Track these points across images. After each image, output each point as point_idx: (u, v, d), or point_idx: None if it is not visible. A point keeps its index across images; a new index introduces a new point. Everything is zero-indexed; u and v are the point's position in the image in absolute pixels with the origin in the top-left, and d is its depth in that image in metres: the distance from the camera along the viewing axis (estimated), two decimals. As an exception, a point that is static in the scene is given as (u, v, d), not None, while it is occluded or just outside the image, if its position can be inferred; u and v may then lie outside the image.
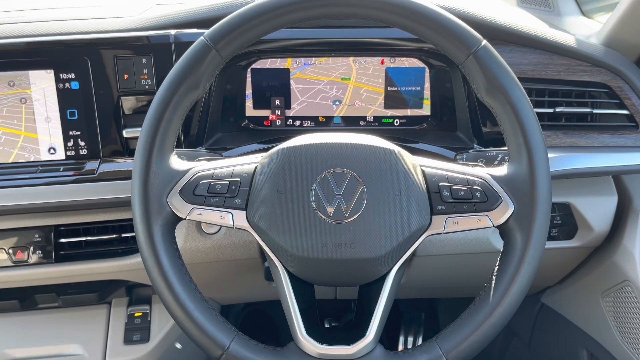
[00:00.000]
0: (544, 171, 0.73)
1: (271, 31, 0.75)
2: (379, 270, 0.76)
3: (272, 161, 0.76)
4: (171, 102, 0.74)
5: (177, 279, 0.74)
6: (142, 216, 0.74)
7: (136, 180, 0.74)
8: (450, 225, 0.75)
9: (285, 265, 0.76)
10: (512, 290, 0.73)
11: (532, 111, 0.73)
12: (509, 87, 0.73)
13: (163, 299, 0.75)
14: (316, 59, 1.07)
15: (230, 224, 0.76)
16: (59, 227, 1.05)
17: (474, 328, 0.73)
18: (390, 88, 1.08)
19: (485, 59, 0.73)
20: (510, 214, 0.73)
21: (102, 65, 0.99)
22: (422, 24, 0.73)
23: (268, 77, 1.08)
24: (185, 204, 0.75)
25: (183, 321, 0.74)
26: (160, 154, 0.75)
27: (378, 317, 0.75)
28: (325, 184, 0.74)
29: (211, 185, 0.76)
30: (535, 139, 0.73)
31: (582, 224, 1.08)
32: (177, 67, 0.75)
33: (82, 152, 1.01)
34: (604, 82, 1.03)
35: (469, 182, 0.75)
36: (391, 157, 0.75)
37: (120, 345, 1.16)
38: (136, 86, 0.99)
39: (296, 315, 0.75)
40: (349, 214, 0.73)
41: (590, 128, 1.04)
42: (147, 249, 0.74)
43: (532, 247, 0.73)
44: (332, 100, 1.09)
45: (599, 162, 1.00)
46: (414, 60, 1.07)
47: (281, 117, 1.11)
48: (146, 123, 0.75)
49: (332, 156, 0.75)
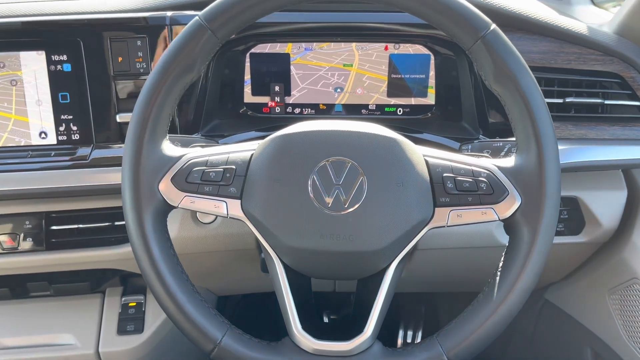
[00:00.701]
0: (553, 163, 0.69)
1: (270, 12, 0.72)
2: (378, 264, 0.73)
3: (269, 149, 0.73)
4: (164, 85, 0.71)
5: (168, 270, 0.72)
6: (132, 204, 0.71)
7: (126, 167, 0.71)
8: (453, 218, 0.72)
9: (281, 257, 0.74)
10: (517, 286, 0.70)
11: (543, 100, 0.70)
12: (519, 73, 0.69)
13: (153, 290, 0.72)
14: (317, 44, 1.03)
15: (224, 213, 0.73)
16: (50, 214, 1.02)
17: (476, 325, 0.70)
18: (393, 75, 1.05)
19: (494, 44, 0.69)
20: (517, 208, 0.70)
21: (95, 47, 0.96)
22: (429, 6, 0.69)
23: (267, 63, 1.05)
24: (177, 192, 0.72)
25: (174, 313, 0.72)
26: (152, 139, 0.72)
27: (377, 313, 0.73)
28: (324, 173, 0.71)
29: (205, 173, 0.73)
30: (545, 129, 0.69)
31: (590, 219, 1.05)
32: (171, 48, 0.72)
33: (74, 137, 0.98)
34: (616, 72, 0.99)
35: (474, 173, 0.72)
36: (393, 146, 0.72)
37: (113, 336, 1.14)
38: (130, 69, 0.96)
39: (291, 309, 0.73)
40: (348, 204, 0.70)
41: (601, 120, 1.01)
42: (137, 237, 0.71)
43: (539, 242, 0.69)
44: (333, 87, 1.06)
45: (609, 155, 0.97)
46: (419, 47, 1.04)
47: (280, 104, 1.07)
48: (137, 107, 0.72)
49: (331, 144, 0.72)
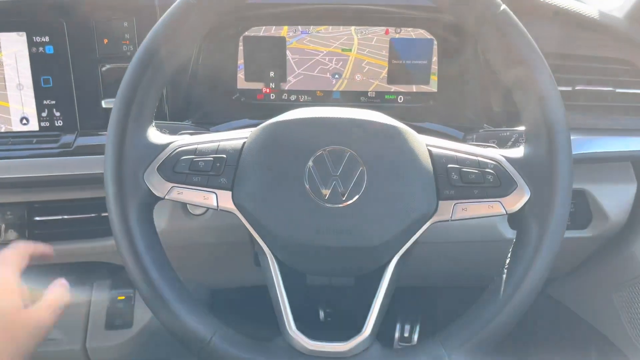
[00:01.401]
0: (565, 154, 0.65)
1: None
2: (378, 260, 0.69)
3: (262, 137, 0.68)
4: (149, 68, 0.66)
5: (155, 266, 0.68)
6: (115, 195, 0.67)
7: (109, 155, 0.67)
8: (458, 212, 0.68)
9: (274, 252, 0.69)
10: (525, 285, 0.66)
11: (555, 86, 0.66)
12: (530, 58, 0.65)
13: (138, 287, 0.68)
14: (315, 27, 0.99)
15: (214, 205, 0.68)
16: (33, 204, 0.98)
17: (480, 326, 0.67)
18: (394, 61, 1.00)
19: (504, 25, 0.65)
20: (525, 201, 0.66)
21: (79, 29, 0.91)
22: None
23: (262, 46, 1.00)
24: (164, 182, 0.68)
25: (159, 311, 0.68)
26: (137, 125, 0.67)
27: (375, 312, 0.69)
28: (321, 164, 0.66)
29: (193, 162, 0.68)
30: (557, 118, 0.65)
31: (598, 212, 1.01)
32: (157, 27, 0.67)
33: (58, 124, 0.93)
34: (628, 59, 0.95)
35: (481, 164, 0.68)
36: (395, 135, 0.68)
37: (101, 330, 1.10)
38: (117, 52, 0.91)
39: (285, 308, 0.69)
40: (347, 197, 0.66)
41: (612, 109, 0.96)
42: (121, 231, 0.67)
43: (548, 238, 0.66)
44: (331, 73, 1.01)
45: (620, 146, 0.93)
46: (421, 32, 0.99)
47: (276, 91, 1.03)
48: (121, 90, 0.67)
49: (329, 132, 0.67)
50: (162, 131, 0.81)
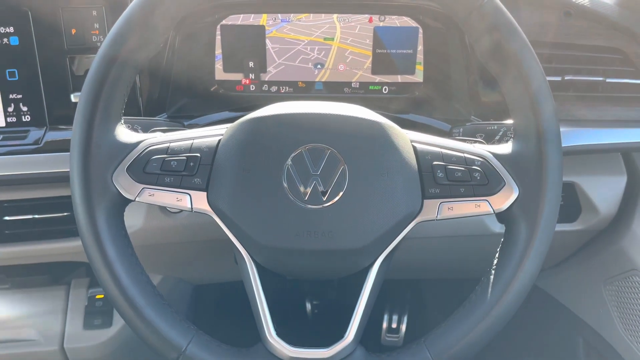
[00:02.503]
0: (555, 150, 0.63)
1: None
2: (360, 263, 0.66)
3: (238, 134, 0.65)
4: (117, 60, 0.62)
5: (125, 272, 0.64)
6: (82, 198, 0.63)
7: (75, 155, 0.63)
8: (444, 211, 0.65)
9: (253, 255, 0.66)
10: (513, 287, 0.64)
11: (545, 80, 0.63)
12: (519, 49, 0.62)
13: (109, 295, 0.64)
14: (295, 15, 0.94)
15: (187, 207, 0.65)
16: (2, 203, 0.94)
17: (467, 330, 0.64)
18: (378, 50, 0.97)
19: (492, 15, 0.61)
20: (514, 200, 0.64)
21: (45, 18, 0.86)
22: None
23: (240, 36, 0.95)
24: (134, 184, 0.64)
25: (132, 319, 0.64)
26: (104, 123, 0.63)
27: (359, 316, 0.66)
28: (300, 162, 0.63)
29: (165, 162, 0.65)
30: (546, 113, 0.63)
31: (587, 205, 0.99)
32: (125, 16, 0.63)
33: (25, 119, 0.89)
34: (619, 47, 0.92)
35: (467, 161, 0.65)
36: (377, 131, 0.65)
37: (79, 330, 1.08)
38: (86, 43, 0.87)
39: (264, 313, 0.66)
40: (327, 197, 0.63)
41: (602, 99, 0.94)
42: (89, 236, 0.63)
43: (538, 239, 0.63)
44: (313, 63, 0.97)
45: (610, 138, 0.91)
46: (406, 19, 0.95)
47: (255, 82, 0.99)
48: (87, 85, 0.63)
49: (308, 129, 0.64)
50: (134, 127, 0.78)
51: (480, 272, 0.68)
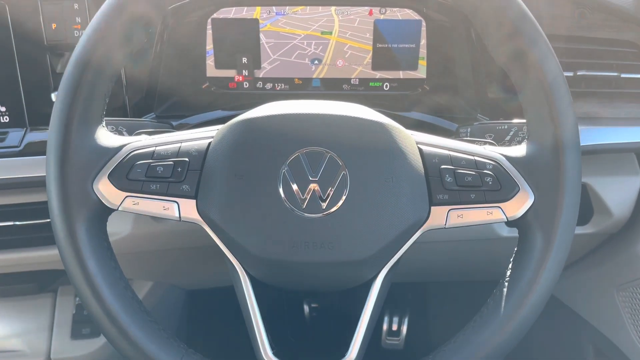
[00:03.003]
0: (573, 152, 0.59)
1: None
2: (363, 275, 0.62)
3: (230, 136, 0.60)
4: (93, 59, 0.57)
5: (108, 288, 0.60)
6: (60, 208, 0.58)
7: (51, 161, 0.58)
8: (453, 219, 0.61)
9: (246, 268, 0.62)
10: (529, 301, 0.59)
11: (562, 76, 0.59)
12: (534, 43, 0.57)
13: (91, 313, 0.60)
14: (290, 7, 0.90)
15: (175, 216, 0.60)
16: (-19, 209, 0.89)
17: (479, 346, 0.60)
18: (379, 45, 0.92)
19: (504, 5, 0.57)
20: (529, 206, 0.60)
21: (23, 12, 0.81)
22: None
23: (233, 30, 0.91)
24: (116, 192, 0.60)
25: (116, 340, 0.60)
26: (83, 126, 0.59)
27: (362, 331, 0.62)
28: (297, 167, 0.59)
29: (151, 167, 0.60)
30: (564, 112, 0.58)
31: (599, 207, 0.95)
32: (102, 11, 0.58)
33: (3, 120, 0.85)
34: (634, 41, 0.88)
35: (478, 164, 0.61)
36: (380, 133, 0.60)
37: (67, 340, 1.05)
38: (67, 38, 0.83)
39: (260, 331, 0.62)
40: (327, 205, 0.58)
41: (615, 96, 0.90)
42: (68, 249, 0.59)
43: (555, 249, 0.59)
44: (310, 58, 0.93)
45: (624, 137, 0.87)
46: (408, 12, 0.90)
47: (249, 79, 0.94)
48: (63, 86, 0.58)
49: (305, 131, 0.60)
50: (119, 129, 0.73)
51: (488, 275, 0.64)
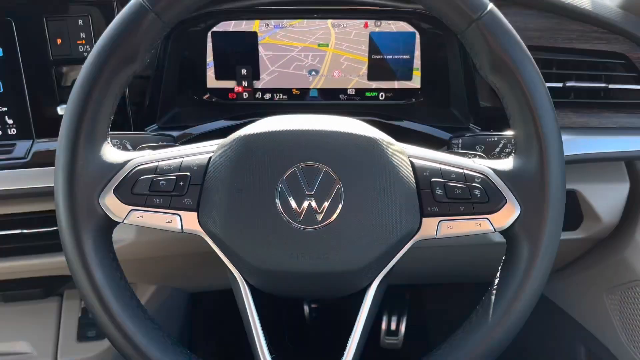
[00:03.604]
0: (557, 167, 0.61)
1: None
2: (358, 284, 0.64)
3: (230, 152, 0.63)
4: (100, 79, 0.60)
5: (115, 297, 0.62)
6: (68, 222, 0.61)
7: (59, 178, 0.61)
8: (443, 230, 0.64)
9: (246, 278, 0.65)
10: (516, 308, 0.62)
11: (547, 94, 0.61)
12: (520, 63, 0.59)
13: (98, 321, 0.63)
14: (288, 21, 0.92)
15: (178, 228, 0.63)
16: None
17: (468, 352, 0.63)
18: (374, 56, 0.94)
19: (491, 27, 0.59)
20: (515, 218, 0.62)
21: (29, 28, 0.83)
22: None
23: (232, 42, 0.93)
24: (121, 205, 0.62)
25: (123, 348, 0.62)
26: (90, 143, 0.61)
27: (357, 337, 0.65)
28: (294, 182, 0.61)
29: (154, 182, 0.62)
30: (549, 128, 0.60)
31: (589, 213, 0.97)
32: (107, 33, 0.60)
33: (11, 132, 0.87)
34: (622, 52, 0.89)
35: (467, 177, 0.63)
36: (373, 148, 0.62)
37: (73, 343, 1.07)
38: (72, 53, 0.84)
39: (258, 337, 0.64)
40: (322, 217, 0.60)
41: (604, 106, 0.91)
42: (76, 262, 0.61)
43: (540, 258, 0.61)
44: (307, 70, 0.95)
45: (613, 146, 0.89)
46: (403, 24, 0.92)
47: (248, 90, 0.96)
48: (70, 105, 0.60)
49: (302, 146, 0.62)
50: (122, 143, 0.75)
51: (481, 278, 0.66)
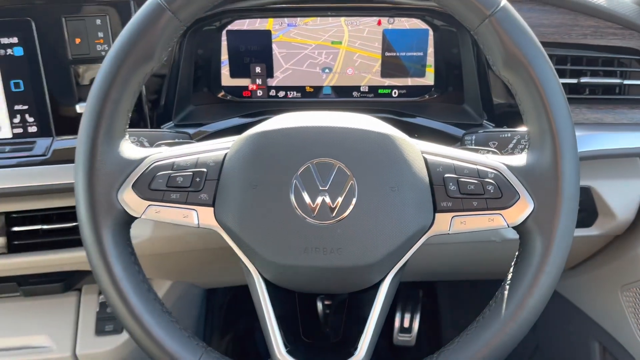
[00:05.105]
0: (571, 163, 0.61)
1: None
2: (371, 279, 0.65)
3: (245, 148, 0.64)
4: (118, 77, 0.61)
5: (133, 290, 0.64)
6: (88, 217, 0.63)
7: (79, 174, 0.63)
8: (457, 225, 0.64)
9: (261, 272, 0.66)
10: (529, 303, 0.62)
11: (561, 90, 0.61)
12: (534, 59, 0.60)
13: (117, 314, 0.64)
14: (302, 19, 0.93)
15: (194, 223, 0.64)
16: (10, 214, 0.94)
17: (481, 346, 0.63)
18: (388, 53, 0.95)
19: (504, 24, 0.60)
20: (528, 213, 0.62)
21: (49, 28, 0.85)
22: None
23: (246, 41, 0.94)
24: (139, 201, 0.64)
25: (141, 339, 0.64)
26: (108, 140, 0.63)
27: (371, 331, 0.65)
28: (308, 177, 0.62)
29: (171, 178, 0.64)
30: (562, 124, 0.61)
31: (604, 210, 0.97)
32: (125, 33, 0.62)
33: (31, 130, 0.89)
34: (637, 48, 0.90)
35: (481, 173, 0.64)
36: (387, 144, 0.63)
37: (91, 336, 1.09)
38: (90, 52, 0.86)
39: (273, 330, 0.65)
40: (336, 213, 0.61)
41: (619, 102, 0.92)
42: (96, 256, 0.63)
43: (553, 253, 0.62)
44: (320, 67, 0.96)
45: (628, 142, 0.89)
46: (416, 21, 0.93)
47: (262, 87, 0.97)
48: (89, 103, 0.62)
49: (315, 143, 0.63)
50: (139, 140, 0.77)
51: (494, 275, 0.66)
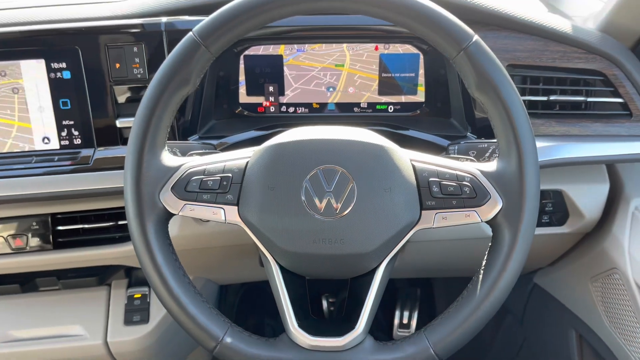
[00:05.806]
0: (532, 168, 0.73)
1: (260, 26, 0.74)
2: (369, 265, 0.77)
3: (263, 157, 0.76)
4: (161, 99, 0.74)
5: (171, 274, 0.76)
6: (135, 214, 0.75)
7: (128, 178, 0.75)
8: (439, 220, 0.76)
9: (277, 259, 0.77)
10: (499, 285, 0.74)
11: (523, 108, 0.73)
12: (500, 83, 0.72)
13: (158, 294, 0.76)
14: (309, 45, 1.06)
15: (222, 219, 0.76)
16: (55, 215, 1.06)
17: (461, 321, 0.74)
18: (384, 74, 1.07)
19: (476, 55, 0.72)
20: (498, 210, 0.74)
21: (93, 54, 0.98)
22: (413, 18, 0.72)
23: (261, 64, 1.07)
24: (177, 200, 0.76)
25: (178, 315, 0.76)
26: (152, 150, 0.75)
27: (368, 310, 0.77)
28: (316, 181, 0.74)
29: (203, 181, 0.76)
30: (525, 137, 0.73)
31: (574, 210, 1.09)
32: (167, 63, 0.74)
33: (76, 142, 1.01)
34: (599, 70, 1.01)
35: (459, 177, 0.75)
36: (381, 153, 0.75)
37: (120, 326, 1.19)
38: (128, 75, 0.98)
39: (287, 308, 0.77)
40: (339, 210, 0.73)
41: (584, 116, 1.03)
42: (141, 245, 0.75)
43: (519, 243, 0.73)
44: (325, 86, 1.08)
45: (592, 152, 1.00)
46: (408, 47, 1.06)
47: (275, 104, 1.10)
48: (137, 121, 0.75)
49: (322, 152, 0.75)
50: (174, 150, 0.90)
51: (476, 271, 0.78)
